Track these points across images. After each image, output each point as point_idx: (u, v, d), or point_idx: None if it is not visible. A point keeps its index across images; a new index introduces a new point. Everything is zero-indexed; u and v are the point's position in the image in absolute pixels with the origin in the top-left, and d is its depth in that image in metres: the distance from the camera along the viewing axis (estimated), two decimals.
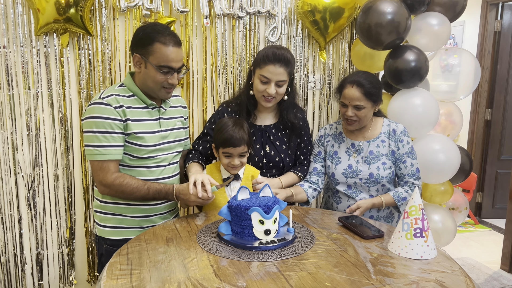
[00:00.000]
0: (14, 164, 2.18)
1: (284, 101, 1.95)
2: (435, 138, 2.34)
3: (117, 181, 1.60)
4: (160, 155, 1.71)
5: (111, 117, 1.59)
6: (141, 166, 1.68)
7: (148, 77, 1.63)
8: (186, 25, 2.32)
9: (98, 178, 1.62)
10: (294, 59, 1.90)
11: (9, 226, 2.22)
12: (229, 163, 1.77)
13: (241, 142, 1.74)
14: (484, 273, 3.22)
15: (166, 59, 1.59)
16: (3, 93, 2.11)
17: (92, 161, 1.62)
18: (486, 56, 4.25)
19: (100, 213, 1.74)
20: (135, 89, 1.67)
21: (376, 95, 1.89)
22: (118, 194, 1.64)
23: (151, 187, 1.64)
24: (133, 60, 1.64)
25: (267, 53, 1.83)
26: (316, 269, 1.19)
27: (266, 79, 1.83)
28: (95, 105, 1.60)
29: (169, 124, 1.76)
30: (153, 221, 1.74)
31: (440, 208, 2.52)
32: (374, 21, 2.11)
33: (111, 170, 1.61)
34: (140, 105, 1.68)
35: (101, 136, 1.58)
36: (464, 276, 1.18)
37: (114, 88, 1.68)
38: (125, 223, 1.72)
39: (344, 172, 1.96)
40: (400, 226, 1.33)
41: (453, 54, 2.44)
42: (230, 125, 1.76)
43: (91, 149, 1.60)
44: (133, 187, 1.62)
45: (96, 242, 1.80)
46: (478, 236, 4.00)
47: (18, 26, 2.07)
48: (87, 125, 1.60)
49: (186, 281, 1.11)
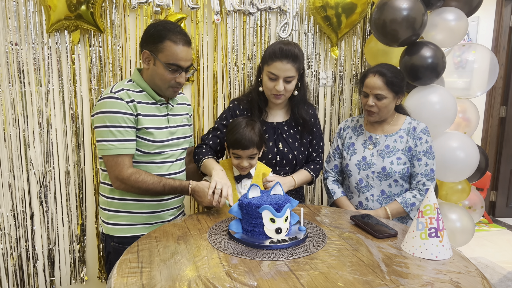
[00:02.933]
0: (26, 160, 2.19)
1: (295, 96, 1.92)
2: (453, 135, 2.30)
3: (133, 177, 1.60)
4: (168, 151, 1.71)
5: (124, 111, 1.58)
6: (149, 162, 1.68)
7: (156, 74, 1.63)
8: (197, 21, 2.30)
9: (114, 173, 1.61)
10: (303, 54, 1.86)
11: (21, 222, 2.23)
12: (238, 164, 1.77)
13: (250, 144, 1.72)
14: (498, 273, 3.16)
15: (176, 57, 1.59)
16: (15, 90, 2.12)
17: (107, 156, 1.61)
18: (501, 52, 4.16)
19: (107, 211, 1.73)
20: (144, 84, 1.67)
21: (398, 86, 1.88)
22: (134, 190, 1.64)
23: (166, 184, 1.65)
24: (142, 56, 1.64)
25: (274, 49, 1.80)
26: (328, 269, 1.17)
27: (274, 76, 1.80)
28: (106, 100, 1.59)
29: (176, 120, 1.77)
30: (161, 217, 1.74)
31: (457, 207, 2.48)
32: (390, 17, 2.08)
33: (127, 164, 1.60)
34: (149, 100, 1.68)
35: (115, 130, 1.57)
36: (480, 277, 1.15)
37: (123, 83, 1.67)
38: (132, 220, 1.71)
39: (358, 163, 1.95)
40: (415, 225, 1.30)
41: (470, 49, 2.39)
42: (241, 127, 1.75)
43: (105, 143, 1.58)
44: (149, 183, 1.62)
45: (103, 240, 1.78)
46: (492, 235, 3.93)
47: (30, 23, 2.08)
48: (99, 120, 1.59)
49: (197, 280, 1.10)
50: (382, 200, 1.94)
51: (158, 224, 1.73)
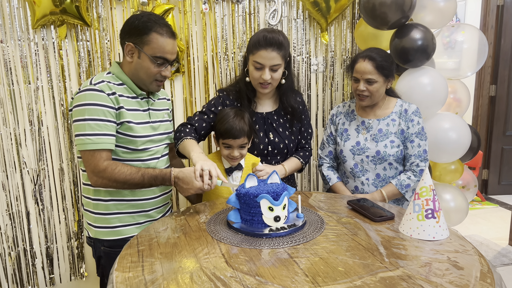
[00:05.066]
0: (19, 159, 2.17)
1: (282, 85, 1.91)
2: (444, 116, 2.32)
3: (109, 168, 1.50)
4: (153, 147, 1.65)
5: (105, 104, 1.50)
6: (135, 160, 1.60)
7: (141, 68, 1.57)
8: (185, 11, 2.28)
9: (90, 167, 1.51)
10: (288, 41, 1.83)
11: (18, 221, 2.22)
12: (229, 154, 1.76)
13: (241, 133, 1.72)
14: (493, 249, 3.22)
15: (163, 50, 1.54)
16: (3, 89, 2.08)
17: (83, 151, 1.51)
18: (489, 31, 4.18)
19: (93, 213, 1.64)
20: (125, 78, 1.60)
21: (388, 69, 1.89)
22: (111, 184, 1.54)
23: (145, 173, 1.56)
24: (125, 49, 1.57)
25: (258, 38, 1.78)
26: (327, 254, 1.18)
27: (259, 65, 1.78)
28: (86, 92, 1.50)
29: (158, 115, 1.71)
30: (150, 216, 1.69)
31: (451, 187, 2.51)
32: (379, 0, 2.07)
33: (103, 158, 1.51)
34: (129, 94, 1.60)
35: (93, 124, 1.49)
36: (478, 255, 1.17)
37: (102, 75, 1.59)
38: (121, 220, 1.64)
39: (352, 148, 1.96)
40: (411, 207, 1.32)
41: (459, 30, 2.39)
42: (231, 116, 1.74)
43: (83, 138, 1.49)
44: (126, 174, 1.52)
45: (91, 244, 1.69)
46: (485, 213, 4.00)
47: (15, 20, 2.04)
48: (78, 113, 1.50)
49: (199, 271, 1.11)
50: (378, 184, 1.95)
51: (147, 223, 1.67)
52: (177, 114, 2.39)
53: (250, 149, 1.90)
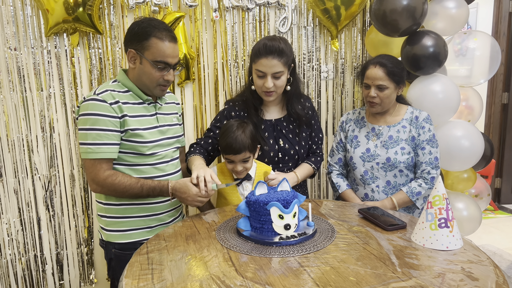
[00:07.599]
0: (31, 165, 2.19)
1: (288, 91, 1.91)
2: (457, 124, 2.29)
3: (109, 179, 1.55)
4: (161, 151, 1.67)
5: (106, 114, 1.54)
6: (144, 164, 1.63)
7: (143, 73, 1.59)
8: (195, 19, 2.29)
9: (91, 176, 1.57)
10: (290, 48, 1.83)
11: (29, 227, 2.24)
12: (233, 168, 1.77)
13: (241, 149, 1.71)
14: (506, 259, 3.15)
15: (163, 54, 1.56)
16: (16, 96, 2.11)
17: (85, 160, 1.57)
18: (501, 38, 4.13)
19: (105, 217, 1.68)
20: (130, 84, 1.63)
21: (399, 76, 1.88)
22: (111, 193, 1.59)
23: (144, 185, 1.59)
24: (128, 55, 1.60)
25: (258, 46, 1.79)
26: (339, 263, 1.17)
27: (261, 73, 1.79)
28: (89, 102, 1.55)
29: (166, 119, 1.73)
30: (161, 219, 1.70)
31: (463, 196, 2.47)
32: (390, 7, 2.06)
33: (104, 167, 1.55)
34: (136, 100, 1.63)
35: (94, 133, 1.53)
36: (492, 266, 1.14)
37: (108, 84, 1.63)
38: (133, 224, 1.66)
39: (362, 155, 1.95)
40: (424, 216, 1.30)
41: (471, 37, 2.37)
42: (232, 131, 1.74)
43: (85, 147, 1.55)
44: (126, 185, 1.56)
45: (103, 246, 1.74)
46: (498, 222, 3.92)
47: (28, 28, 2.07)
48: (82, 123, 1.56)
49: (208, 279, 1.10)
50: (388, 191, 1.93)
51: (158, 226, 1.69)
52: (187, 121, 2.40)
53: (260, 157, 1.89)
